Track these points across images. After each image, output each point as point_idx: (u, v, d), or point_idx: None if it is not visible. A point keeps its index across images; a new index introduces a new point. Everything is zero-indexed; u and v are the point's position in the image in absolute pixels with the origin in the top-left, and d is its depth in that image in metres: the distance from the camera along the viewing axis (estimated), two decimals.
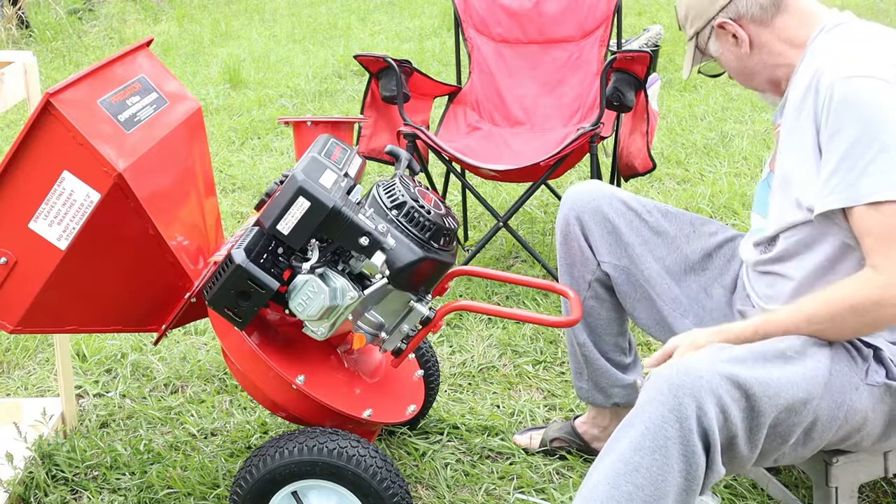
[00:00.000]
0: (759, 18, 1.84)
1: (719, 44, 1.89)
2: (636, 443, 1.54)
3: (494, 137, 3.55)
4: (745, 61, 1.88)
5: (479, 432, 2.42)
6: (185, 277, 1.98)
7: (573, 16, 3.66)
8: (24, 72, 2.17)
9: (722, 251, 2.10)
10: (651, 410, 1.54)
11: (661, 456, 1.53)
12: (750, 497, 2.14)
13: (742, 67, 1.90)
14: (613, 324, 2.20)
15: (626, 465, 1.54)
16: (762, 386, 1.57)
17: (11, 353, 2.87)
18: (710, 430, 1.53)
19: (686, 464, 1.53)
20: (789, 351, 1.66)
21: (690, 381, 1.53)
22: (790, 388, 1.61)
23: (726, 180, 4.07)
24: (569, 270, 2.16)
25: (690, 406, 1.52)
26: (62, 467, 2.28)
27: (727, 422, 1.55)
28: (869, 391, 1.71)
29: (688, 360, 1.58)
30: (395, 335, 1.97)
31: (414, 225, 1.89)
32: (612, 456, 1.57)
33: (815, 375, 1.65)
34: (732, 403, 1.55)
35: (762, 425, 1.59)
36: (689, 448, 1.53)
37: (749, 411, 1.57)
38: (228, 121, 5.21)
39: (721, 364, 1.56)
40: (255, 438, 2.42)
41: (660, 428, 1.53)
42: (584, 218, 2.11)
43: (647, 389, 1.57)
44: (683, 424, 1.52)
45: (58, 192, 1.78)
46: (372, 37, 7.28)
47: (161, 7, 8.43)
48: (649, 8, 7.86)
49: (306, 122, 2.22)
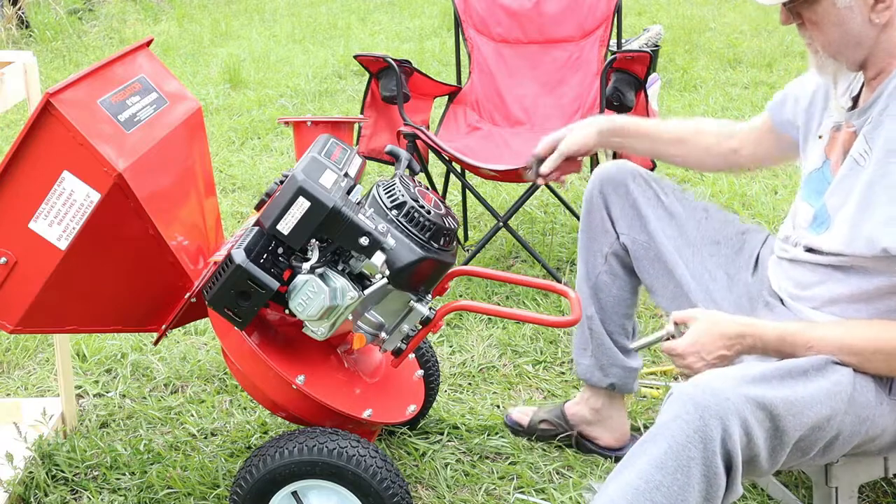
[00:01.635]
0: None
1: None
2: (658, 461, 1.52)
3: (494, 137, 3.55)
4: (866, 29, 1.69)
5: (479, 432, 2.42)
6: (185, 277, 1.98)
7: (573, 16, 3.66)
8: (24, 72, 2.17)
9: (731, 241, 2.12)
10: (675, 429, 1.52)
11: (683, 476, 1.51)
12: (750, 497, 2.14)
13: (857, 33, 1.69)
14: (622, 304, 2.23)
15: (648, 483, 1.52)
16: (787, 406, 1.56)
17: (11, 353, 2.87)
18: (734, 452, 1.52)
19: (707, 484, 1.52)
20: (812, 370, 1.64)
21: (716, 402, 1.51)
22: (815, 405, 1.59)
23: (726, 180, 4.07)
24: (587, 244, 2.21)
25: (716, 428, 1.50)
26: (62, 467, 2.28)
27: (750, 443, 1.54)
28: (891, 406, 1.71)
29: (714, 379, 1.56)
30: (395, 335, 1.97)
31: (414, 225, 1.89)
32: (632, 471, 1.55)
33: (839, 392, 1.63)
34: (757, 424, 1.53)
35: (786, 444, 1.58)
36: (712, 470, 1.51)
37: (773, 431, 1.56)
38: (228, 121, 5.21)
39: (747, 385, 1.54)
40: (255, 438, 2.42)
41: (683, 448, 1.51)
42: (607, 191, 2.16)
43: (672, 406, 1.54)
44: (708, 446, 1.50)
45: (58, 192, 1.78)
46: (372, 37, 7.29)
47: (161, 7, 8.43)
48: (649, 8, 7.87)
49: (306, 122, 2.22)
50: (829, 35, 1.72)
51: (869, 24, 1.68)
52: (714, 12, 7.75)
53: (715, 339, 1.74)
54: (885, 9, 1.67)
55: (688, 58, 6.28)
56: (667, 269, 2.12)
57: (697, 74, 5.89)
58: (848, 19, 1.69)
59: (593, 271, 2.22)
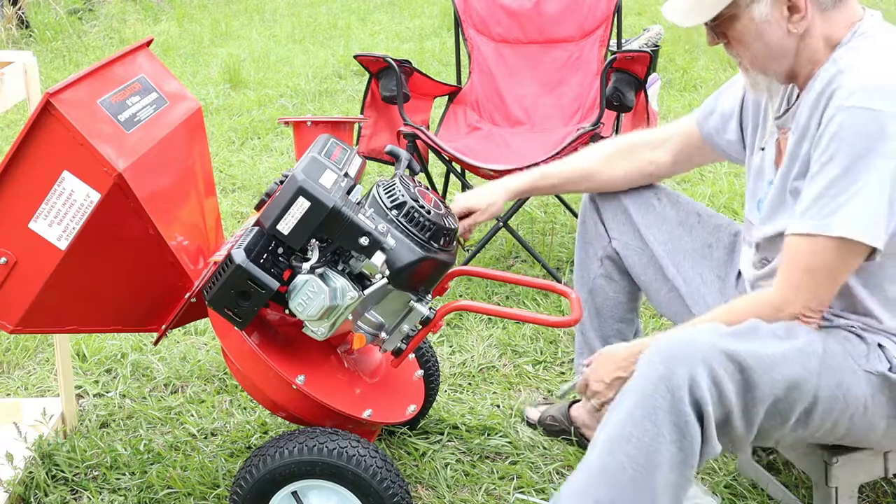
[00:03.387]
0: (822, 4, 1.74)
1: (770, 9, 1.72)
2: (628, 412, 1.56)
3: (494, 137, 3.55)
4: (786, 40, 1.75)
5: (479, 432, 2.42)
6: (185, 277, 1.98)
7: (573, 16, 3.66)
8: (24, 72, 2.17)
9: (723, 244, 2.13)
10: (643, 380, 1.56)
11: (652, 425, 1.54)
12: (750, 497, 2.14)
13: (778, 45, 1.75)
14: (619, 308, 2.24)
15: (619, 436, 1.56)
16: (756, 359, 1.58)
17: (11, 353, 2.87)
18: (703, 400, 1.54)
19: (679, 434, 1.54)
20: (782, 330, 1.68)
21: (682, 350, 1.55)
22: (785, 363, 1.62)
23: (726, 180, 4.07)
24: (584, 247, 2.26)
25: (682, 375, 1.53)
26: (62, 467, 2.28)
27: (721, 395, 1.56)
28: (867, 378, 1.72)
29: (684, 332, 1.60)
30: (395, 335, 1.97)
31: (414, 225, 1.89)
32: (606, 428, 1.59)
33: (810, 352, 1.66)
34: (727, 376, 1.56)
35: (758, 400, 1.60)
36: (682, 418, 1.53)
37: (744, 385, 1.58)
38: (228, 121, 5.21)
39: (717, 338, 1.58)
40: (255, 438, 2.42)
41: (650, 397, 1.54)
42: (599, 197, 2.23)
43: (642, 360, 1.59)
44: (675, 394, 1.53)
45: (58, 192, 1.78)
46: (372, 37, 7.29)
47: (161, 7, 8.43)
48: (649, 8, 7.86)
49: (306, 122, 2.22)
50: (754, 50, 1.78)
51: (788, 34, 1.75)
52: None
53: (608, 363, 1.88)
54: (800, 19, 1.73)
55: (688, 58, 6.28)
56: (660, 273, 2.15)
57: (697, 74, 5.89)
58: (768, 32, 1.74)
59: (588, 275, 2.24)
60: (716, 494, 2.12)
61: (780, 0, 1.72)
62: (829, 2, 1.74)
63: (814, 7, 1.73)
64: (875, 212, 1.63)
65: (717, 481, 2.19)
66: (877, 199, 1.62)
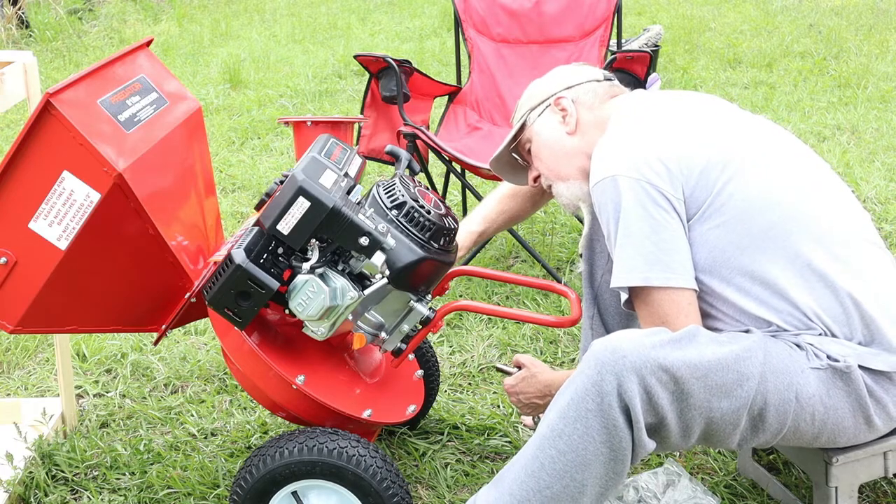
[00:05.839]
0: (588, 103, 1.97)
1: (545, 120, 1.97)
2: (562, 411, 1.66)
3: (494, 137, 3.55)
4: (566, 140, 1.96)
5: (479, 432, 2.42)
6: (185, 277, 1.98)
7: (573, 16, 3.66)
8: (24, 72, 2.17)
9: None
10: (578, 382, 1.65)
11: (582, 426, 1.64)
12: (750, 497, 2.14)
13: (562, 145, 1.96)
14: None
15: (552, 431, 1.67)
16: (690, 368, 1.64)
17: (11, 353, 2.87)
18: (632, 406, 1.62)
19: (608, 435, 1.63)
20: (723, 337, 1.73)
21: (614, 359, 1.63)
22: (721, 370, 1.67)
23: None
24: (591, 244, 2.27)
25: (611, 383, 1.62)
26: (62, 467, 2.28)
27: (652, 401, 1.63)
28: (816, 375, 1.73)
29: (621, 339, 1.67)
30: (395, 335, 1.97)
31: (414, 225, 1.89)
32: (544, 421, 1.69)
33: (749, 357, 1.70)
34: (659, 385, 1.63)
35: (692, 406, 1.66)
36: (610, 421, 1.62)
37: (678, 394, 1.65)
38: (228, 121, 5.21)
39: (651, 348, 1.64)
40: (255, 438, 2.42)
41: (582, 399, 1.64)
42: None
43: (581, 363, 1.68)
44: (604, 399, 1.62)
45: (58, 192, 1.78)
46: (372, 37, 7.29)
47: (161, 7, 8.43)
48: (649, 8, 7.87)
49: (306, 122, 2.22)
50: (546, 160, 1.99)
51: (565, 135, 1.96)
52: (714, 12, 7.75)
53: (528, 387, 2.08)
54: (568, 116, 1.96)
55: (688, 58, 6.28)
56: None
57: (697, 74, 5.90)
58: (549, 137, 1.98)
59: (597, 271, 2.22)
60: (716, 494, 2.12)
61: (553, 110, 1.97)
62: (594, 100, 1.97)
63: (581, 108, 1.96)
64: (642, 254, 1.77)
65: (717, 481, 2.19)
66: (642, 242, 1.76)
